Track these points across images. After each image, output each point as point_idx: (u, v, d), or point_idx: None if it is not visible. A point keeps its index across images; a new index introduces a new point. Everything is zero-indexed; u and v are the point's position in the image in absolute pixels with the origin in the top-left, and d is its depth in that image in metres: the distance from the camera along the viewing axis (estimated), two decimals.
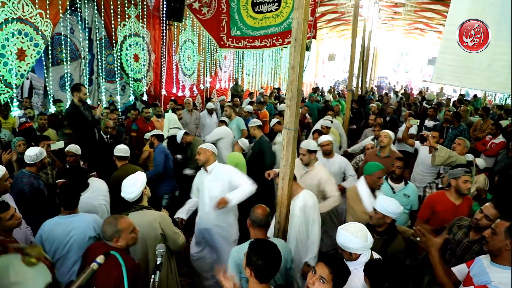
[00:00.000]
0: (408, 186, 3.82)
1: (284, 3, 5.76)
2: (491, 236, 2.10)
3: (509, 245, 2.01)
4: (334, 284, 1.79)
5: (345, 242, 2.20)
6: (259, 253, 1.87)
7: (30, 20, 5.48)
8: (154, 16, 8.45)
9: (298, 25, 2.53)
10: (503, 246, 2.03)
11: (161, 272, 1.98)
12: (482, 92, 15.79)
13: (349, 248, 2.20)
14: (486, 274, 2.07)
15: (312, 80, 21.53)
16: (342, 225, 2.30)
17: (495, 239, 2.07)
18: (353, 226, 2.24)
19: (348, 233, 2.19)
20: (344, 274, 1.83)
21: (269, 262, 1.87)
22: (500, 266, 2.05)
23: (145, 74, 8.33)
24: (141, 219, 2.61)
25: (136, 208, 2.72)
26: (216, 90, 11.83)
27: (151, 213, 2.73)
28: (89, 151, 4.49)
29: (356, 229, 2.20)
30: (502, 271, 2.03)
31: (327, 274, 1.78)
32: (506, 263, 2.04)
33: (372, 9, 12.09)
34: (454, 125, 6.35)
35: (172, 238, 2.73)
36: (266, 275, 1.88)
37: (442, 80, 3.45)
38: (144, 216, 2.67)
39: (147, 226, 2.62)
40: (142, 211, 2.71)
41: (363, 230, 2.20)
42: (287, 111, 2.69)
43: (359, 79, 11.94)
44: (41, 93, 6.58)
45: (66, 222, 2.62)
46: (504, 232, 2.04)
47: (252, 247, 1.92)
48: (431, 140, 4.11)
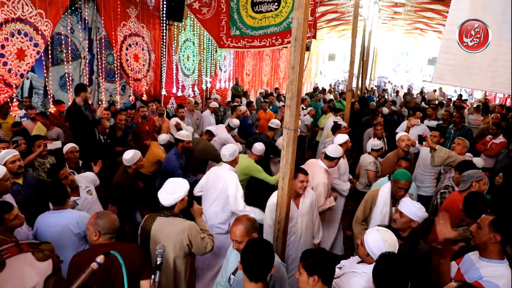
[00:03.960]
0: (411, 185, 3.79)
1: (283, 2, 5.75)
2: (476, 230, 2.14)
3: (493, 238, 2.04)
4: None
5: (371, 242, 2.12)
6: (252, 251, 1.89)
7: (30, 20, 5.47)
8: (154, 16, 8.44)
9: (298, 25, 2.53)
10: (488, 239, 2.06)
11: (161, 272, 1.97)
12: (482, 92, 15.80)
13: (371, 251, 2.11)
14: (477, 269, 2.08)
15: (312, 80, 21.53)
16: (380, 228, 2.21)
17: (480, 233, 2.11)
18: (389, 235, 2.14)
19: (380, 237, 2.10)
20: (323, 268, 1.85)
21: (259, 261, 1.87)
22: (489, 260, 2.08)
23: (145, 74, 8.33)
24: (170, 227, 2.57)
25: (166, 214, 2.65)
26: (216, 90, 11.82)
27: (181, 223, 2.63)
28: (88, 150, 4.49)
29: (390, 241, 2.10)
30: (492, 265, 2.05)
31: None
32: (494, 256, 2.07)
33: (372, 9, 12.08)
34: (457, 126, 6.34)
35: (198, 248, 2.65)
36: (256, 274, 1.86)
37: (443, 80, 3.45)
38: (173, 224, 2.60)
39: (175, 236, 2.56)
40: (171, 218, 2.64)
41: (394, 246, 2.10)
42: (287, 111, 2.69)
43: (359, 79, 11.94)
44: (41, 93, 6.57)
45: (53, 217, 2.73)
46: (488, 226, 2.07)
47: (247, 245, 1.95)
48: (429, 140, 4.10)
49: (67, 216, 2.74)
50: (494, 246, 2.06)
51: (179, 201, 2.66)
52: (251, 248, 1.90)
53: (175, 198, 2.61)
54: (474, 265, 2.13)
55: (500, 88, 3.20)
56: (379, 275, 1.80)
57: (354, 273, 2.19)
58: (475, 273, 2.07)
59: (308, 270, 1.85)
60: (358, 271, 2.18)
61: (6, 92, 5.34)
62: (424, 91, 17.87)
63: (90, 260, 1.69)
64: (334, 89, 18.16)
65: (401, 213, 2.56)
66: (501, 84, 3.12)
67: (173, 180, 2.72)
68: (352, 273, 2.20)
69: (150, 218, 2.69)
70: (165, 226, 2.58)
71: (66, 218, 2.72)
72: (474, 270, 2.10)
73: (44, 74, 6.49)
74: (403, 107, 10.78)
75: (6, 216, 2.37)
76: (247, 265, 1.86)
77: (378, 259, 1.88)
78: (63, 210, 2.77)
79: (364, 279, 2.07)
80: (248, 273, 1.86)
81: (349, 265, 2.33)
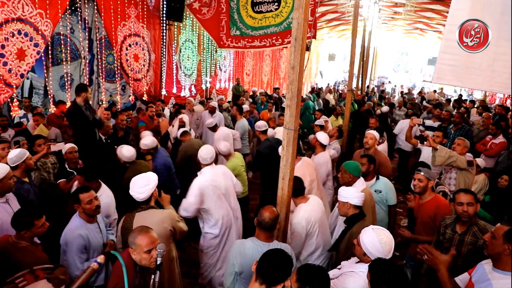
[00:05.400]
0: (379, 181, 3.73)
1: (284, 3, 5.76)
2: (490, 240, 2.08)
3: (507, 250, 1.98)
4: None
5: (367, 242, 2.13)
6: (272, 259, 1.90)
7: (30, 20, 5.47)
8: (154, 16, 8.45)
9: (298, 25, 2.53)
10: (502, 250, 2.01)
11: (161, 272, 1.97)
12: (481, 92, 15.80)
13: (367, 250, 2.13)
14: (489, 282, 2.02)
15: (313, 80, 21.54)
16: (376, 226, 2.24)
17: (494, 243, 2.05)
18: (385, 235, 2.15)
19: (376, 237, 2.12)
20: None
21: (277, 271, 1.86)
22: (502, 272, 2.02)
23: (145, 74, 8.33)
24: (151, 219, 2.63)
25: (144, 208, 2.73)
26: (216, 90, 11.83)
27: (160, 212, 2.77)
28: (88, 151, 4.48)
29: (386, 239, 2.12)
30: (504, 277, 1.99)
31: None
32: (508, 268, 2.00)
33: (372, 9, 12.08)
34: (457, 126, 6.34)
35: (179, 230, 2.80)
36: (269, 281, 1.86)
37: (443, 80, 3.44)
38: (153, 215, 2.70)
39: (158, 225, 2.62)
40: (150, 211, 2.73)
41: (390, 244, 2.12)
42: (287, 111, 2.69)
43: (359, 79, 11.94)
44: (41, 93, 6.57)
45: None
46: (502, 236, 2.01)
47: (270, 252, 1.97)
48: (431, 140, 4.10)
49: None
50: (508, 258, 1.99)
51: (153, 193, 2.76)
52: (273, 256, 1.90)
53: (150, 188, 2.71)
54: (486, 276, 2.07)
55: (500, 88, 3.19)
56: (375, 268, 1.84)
57: (352, 273, 2.19)
58: (487, 286, 2.01)
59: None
60: (356, 270, 2.18)
61: (6, 92, 5.34)
62: (424, 91, 17.85)
63: None
64: (335, 89, 18.14)
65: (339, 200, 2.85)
66: (501, 84, 3.11)
67: (140, 176, 2.80)
68: (350, 273, 2.20)
69: (128, 218, 2.71)
70: (146, 219, 2.61)
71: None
72: (485, 281, 2.04)
73: (44, 74, 6.50)
74: (402, 107, 10.76)
75: (36, 222, 2.33)
76: (263, 271, 1.86)
77: (372, 265, 1.89)
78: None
79: (362, 278, 2.06)
80: (263, 277, 1.86)
81: (348, 265, 2.33)
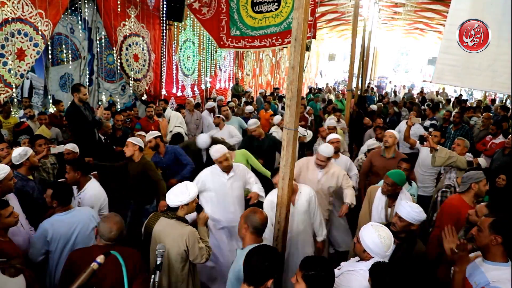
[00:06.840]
0: (413, 186, 3.82)
1: (283, 3, 5.76)
2: (477, 233, 2.11)
3: (494, 241, 2.01)
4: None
5: (367, 238, 2.14)
6: (256, 256, 1.84)
7: (30, 20, 5.47)
8: (154, 16, 8.44)
9: (298, 25, 2.53)
10: (489, 241, 2.03)
11: (160, 272, 1.97)
12: (481, 92, 15.79)
13: (367, 246, 2.14)
14: (482, 274, 2.03)
15: (312, 80, 21.53)
16: (375, 223, 2.25)
17: (480, 235, 2.08)
18: (384, 231, 2.17)
19: (375, 233, 2.13)
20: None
21: (260, 267, 1.81)
22: (493, 263, 2.04)
23: (145, 74, 8.33)
24: (170, 229, 2.56)
25: (170, 215, 2.65)
26: (216, 90, 11.83)
27: (182, 227, 2.60)
28: (88, 151, 4.48)
29: (385, 235, 2.14)
30: (498, 268, 2.01)
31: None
32: (498, 259, 2.03)
33: (372, 9, 12.08)
34: (457, 126, 6.33)
35: (195, 256, 2.61)
36: (252, 278, 1.82)
37: (443, 80, 3.45)
38: (174, 228, 2.59)
39: (173, 240, 2.55)
40: (173, 221, 2.62)
41: (389, 240, 2.15)
42: (287, 111, 2.69)
43: (359, 79, 11.94)
44: (41, 93, 6.57)
45: (67, 219, 2.67)
46: (488, 228, 2.04)
47: (254, 249, 1.91)
48: (430, 140, 4.09)
49: (82, 214, 2.75)
50: (496, 248, 2.02)
51: (183, 205, 2.64)
52: (256, 253, 1.84)
53: (178, 201, 2.61)
54: (478, 268, 2.08)
55: (500, 88, 3.20)
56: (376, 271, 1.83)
57: (353, 271, 2.19)
58: (481, 278, 2.01)
59: (308, 283, 1.80)
60: (356, 269, 2.18)
61: (6, 92, 5.34)
62: (424, 91, 17.85)
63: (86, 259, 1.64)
64: (334, 89, 18.15)
65: (400, 217, 2.53)
66: (501, 84, 3.11)
67: (183, 183, 2.70)
68: (351, 272, 2.20)
69: (154, 217, 2.72)
70: (167, 227, 2.58)
71: (83, 216, 2.74)
72: (479, 274, 2.05)
73: (44, 74, 6.50)
74: (402, 107, 10.77)
75: (2, 212, 2.31)
76: (247, 268, 1.82)
77: (372, 270, 1.88)
78: (71, 210, 2.74)
79: (363, 276, 2.06)
80: (246, 276, 1.82)
81: (347, 265, 2.34)
